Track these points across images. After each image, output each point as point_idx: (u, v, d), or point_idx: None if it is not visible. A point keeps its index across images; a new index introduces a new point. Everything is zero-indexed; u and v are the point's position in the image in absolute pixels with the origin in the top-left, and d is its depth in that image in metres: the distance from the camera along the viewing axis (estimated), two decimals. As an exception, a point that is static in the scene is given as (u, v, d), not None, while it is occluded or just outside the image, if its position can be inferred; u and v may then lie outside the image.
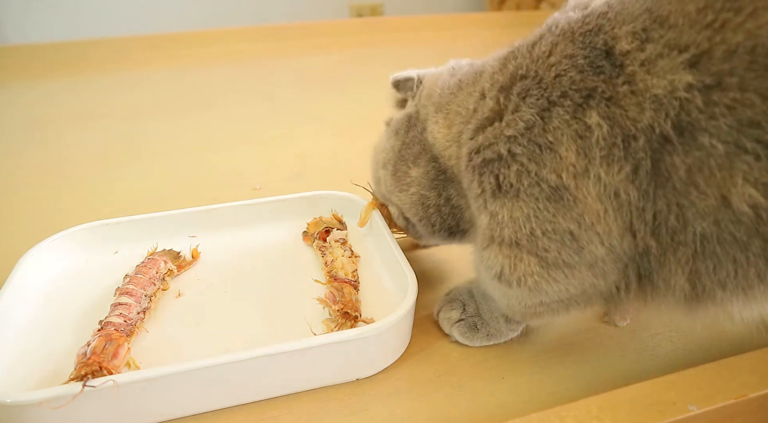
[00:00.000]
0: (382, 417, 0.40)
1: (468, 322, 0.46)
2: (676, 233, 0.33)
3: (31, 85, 1.33)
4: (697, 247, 0.32)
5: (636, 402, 0.37)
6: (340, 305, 0.47)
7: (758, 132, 0.29)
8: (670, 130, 0.31)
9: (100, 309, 0.48)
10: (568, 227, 0.36)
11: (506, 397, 0.42)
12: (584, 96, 0.35)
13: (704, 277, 0.33)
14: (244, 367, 0.39)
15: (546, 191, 0.36)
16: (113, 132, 1.03)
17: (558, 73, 0.36)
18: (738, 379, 0.38)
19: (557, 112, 0.36)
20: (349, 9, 2.20)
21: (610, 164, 0.34)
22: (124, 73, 1.43)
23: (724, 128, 0.30)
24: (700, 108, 0.31)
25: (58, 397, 0.36)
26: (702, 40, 0.31)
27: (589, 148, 0.34)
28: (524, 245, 0.38)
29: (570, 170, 0.35)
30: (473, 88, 0.43)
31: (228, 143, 0.97)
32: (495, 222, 0.38)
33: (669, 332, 0.47)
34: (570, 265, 0.37)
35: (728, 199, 0.30)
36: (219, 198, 0.64)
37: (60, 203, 0.76)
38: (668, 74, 0.32)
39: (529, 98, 0.37)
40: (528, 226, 0.37)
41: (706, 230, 0.32)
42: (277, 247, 0.59)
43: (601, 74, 0.34)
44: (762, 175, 0.29)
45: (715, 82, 0.30)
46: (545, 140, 0.36)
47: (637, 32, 0.34)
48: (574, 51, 0.36)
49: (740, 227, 0.31)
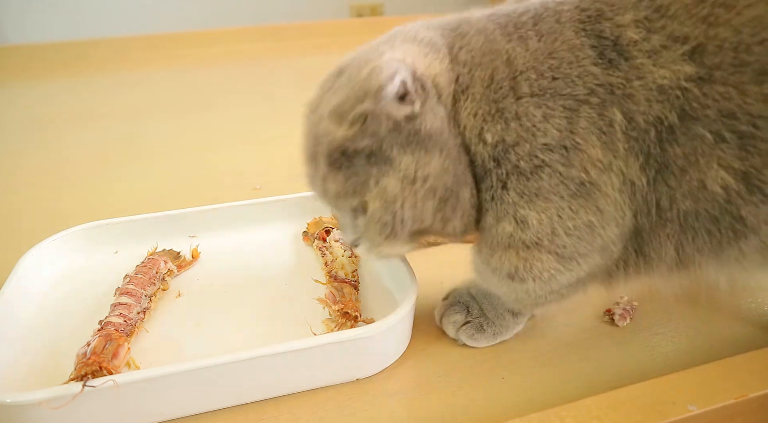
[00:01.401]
0: (382, 417, 0.40)
1: (474, 323, 0.46)
2: (664, 211, 0.37)
3: (31, 85, 1.33)
4: (681, 222, 0.37)
5: (636, 402, 0.37)
6: (340, 305, 0.47)
7: (734, 122, 0.33)
8: (676, 120, 0.34)
9: (100, 309, 0.48)
10: (590, 220, 0.37)
11: (506, 397, 0.42)
12: (608, 91, 0.35)
13: (686, 245, 0.37)
14: (244, 367, 0.39)
15: (572, 189, 0.36)
16: (113, 132, 1.03)
17: (580, 73, 0.36)
18: (738, 379, 0.38)
19: (585, 111, 0.36)
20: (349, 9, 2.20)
21: (629, 156, 0.36)
22: (124, 73, 1.43)
23: (712, 118, 0.34)
24: (698, 98, 0.34)
25: (58, 397, 0.36)
26: (699, 34, 0.34)
27: (612, 142, 0.36)
28: (545, 245, 0.38)
29: (597, 166, 0.36)
30: (492, 79, 0.38)
31: (228, 143, 0.97)
32: (520, 228, 0.38)
33: (669, 332, 0.47)
34: (583, 254, 0.38)
35: (704, 182, 0.35)
36: (219, 198, 0.64)
37: (60, 203, 0.76)
38: (671, 64, 0.34)
39: (560, 99, 0.36)
40: (551, 226, 0.37)
41: (689, 208, 0.36)
42: (277, 247, 0.59)
43: (616, 69, 0.35)
44: (733, 160, 0.34)
45: (707, 75, 0.34)
46: (573, 142, 0.36)
47: (641, 21, 0.35)
48: (581, 41, 0.36)
49: (714, 205, 0.35)
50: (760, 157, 0.34)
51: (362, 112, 0.36)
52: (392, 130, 0.36)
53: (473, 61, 0.38)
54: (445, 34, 0.40)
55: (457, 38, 0.40)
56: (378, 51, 0.39)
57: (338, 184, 0.39)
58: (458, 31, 0.40)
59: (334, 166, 0.38)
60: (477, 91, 0.38)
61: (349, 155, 0.37)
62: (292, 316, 0.49)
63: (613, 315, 0.49)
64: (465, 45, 0.39)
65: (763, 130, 0.33)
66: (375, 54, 0.39)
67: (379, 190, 0.38)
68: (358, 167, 0.38)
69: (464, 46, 0.39)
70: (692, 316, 0.49)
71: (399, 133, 0.37)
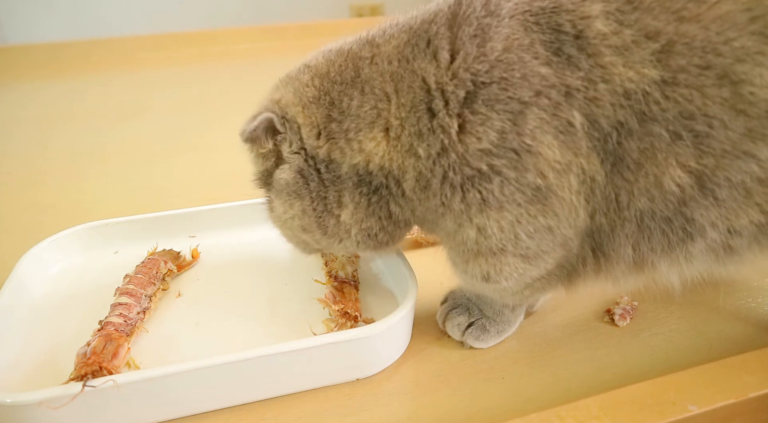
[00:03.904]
0: (382, 417, 0.40)
1: (477, 325, 0.46)
2: (622, 210, 0.37)
3: (31, 85, 1.33)
4: (638, 221, 0.37)
5: (636, 402, 0.37)
6: (340, 305, 0.47)
7: (692, 123, 0.33)
8: (635, 122, 0.34)
9: (100, 309, 0.48)
10: (548, 223, 0.37)
11: (506, 397, 0.42)
12: (563, 93, 0.34)
13: (642, 244, 0.38)
14: (244, 367, 0.39)
15: (528, 195, 0.36)
16: (113, 132, 1.03)
17: (524, 74, 0.34)
18: (738, 379, 0.38)
19: (533, 112, 0.34)
20: (349, 9, 2.20)
21: (591, 154, 0.35)
22: (124, 73, 1.43)
23: (670, 118, 0.34)
24: (657, 101, 0.34)
25: (58, 397, 0.36)
26: (670, 30, 0.33)
27: (573, 141, 0.35)
28: (510, 250, 0.38)
29: (555, 167, 0.35)
30: (407, 88, 0.38)
31: (228, 143, 0.96)
32: (483, 236, 0.38)
33: (669, 332, 0.47)
34: (547, 251, 0.39)
35: (660, 179, 0.35)
36: (219, 198, 0.64)
37: (60, 203, 0.76)
38: (640, 67, 0.33)
39: (497, 105, 0.35)
40: (513, 232, 0.37)
41: (644, 206, 0.36)
42: (277, 247, 0.59)
43: (575, 68, 0.34)
44: (688, 159, 0.34)
45: (671, 78, 0.33)
46: (522, 144, 0.35)
47: (611, 12, 0.33)
48: (531, 37, 0.34)
49: (667, 205, 0.36)
50: (713, 157, 0.34)
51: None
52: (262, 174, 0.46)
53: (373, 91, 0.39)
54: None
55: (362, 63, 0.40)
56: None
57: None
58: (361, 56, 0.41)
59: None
60: (394, 117, 0.38)
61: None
62: (292, 316, 0.49)
63: (613, 315, 0.49)
64: (372, 72, 0.39)
65: (717, 130, 0.33)
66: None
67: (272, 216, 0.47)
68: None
69: (371, 73, 0.39)
70: (692, 316, 0.49)
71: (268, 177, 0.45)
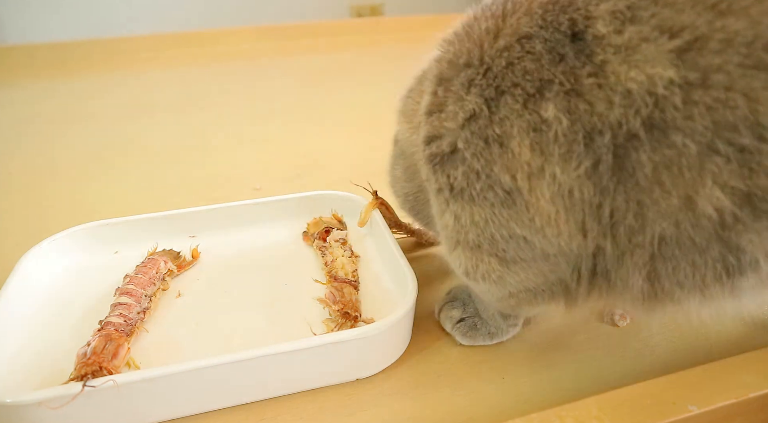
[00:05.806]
0: (382, 417, 0.40)
1: (468, 322, 0.46)
2: (633, 234, 0.31)
3: (31, 85, 1.33)
4: (655, 249, 0.31)
5: (636, 402, 0.37)
6: (340, 305, 0.47)
7: (734, 135, 0.27)
8: (640, 128, 0.29)
9: (100, 309, 0.48)
10: (522, 234, 0.34)
11: (506, 397, 0.42)
12: (537, 87, 0.32)
13: (663, 278, 0.32)
14: (244, 367, 0.39)
15: (500, 196, 0.34)
16: (113, 132, 1.03)
17: (510, 62, 0.33)
18: (738, 379, 0.38)
19: (506, 100, 0.32)
20: (349, 9, 2.20)
21: (568, 161, 0.31)
22: (124, 73, 1.43)
23: (700, 129, 0.28)
24: (677, 106, 0.28)
25: (58, 397, 0.36)
26: (701, 24, 0.27)
27: (545, 143, 0.31)
28: (486, 248, 0.37)
29: (525, 169, 0.32)
30: (423, 77, 0.40)
31: (228, 143, 0.97)
32: (459, 225, 0.37)
33: (669, 332, 0.47)
34: (526, 260, 0.36)
35: (694, 199, 0.29)
36: (219, 198, 0.64)
37: (60, 203, 0.76)
38: (648, 66, 0.28)
39: (474, 88, 0.34)
40: (488, 230, 0.36)
41: (666, 231, 0.30)
42: (277, 247, 0.59)
43: (560, 64, 0.31)
44: (731, 178, 0.28)
45: (699, 79, 0.27)
46: (492, 132, 0.33)
47: (620, 11, 0.30)
48: (532, 31, 0.32)
49: (700, 231, 0.29)
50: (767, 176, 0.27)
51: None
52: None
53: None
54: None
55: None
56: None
57: None
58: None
59: None
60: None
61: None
62: (292, 316, 0.48)
63: (613, 315, 0.49)
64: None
65: None
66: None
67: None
68: None
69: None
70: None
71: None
